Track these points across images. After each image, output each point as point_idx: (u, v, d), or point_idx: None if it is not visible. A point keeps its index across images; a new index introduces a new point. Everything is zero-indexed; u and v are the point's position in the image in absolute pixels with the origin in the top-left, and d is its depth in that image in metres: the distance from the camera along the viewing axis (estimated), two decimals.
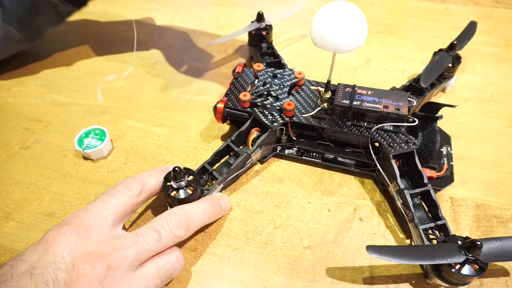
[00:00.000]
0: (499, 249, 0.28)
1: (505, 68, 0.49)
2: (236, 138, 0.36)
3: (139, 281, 0.26)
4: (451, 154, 0.37)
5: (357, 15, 0.29)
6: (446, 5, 0.61)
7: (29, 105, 0.45)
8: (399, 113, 0.34)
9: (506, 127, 0.42)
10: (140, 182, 0.30)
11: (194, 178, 0.32)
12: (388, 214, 0.35)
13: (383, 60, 0.51)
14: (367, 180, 0.37)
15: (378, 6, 0.61)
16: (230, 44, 0.54)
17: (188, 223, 0.29)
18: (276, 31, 0.54)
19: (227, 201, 0.34)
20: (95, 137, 0.39)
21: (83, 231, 0.26)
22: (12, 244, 0.33)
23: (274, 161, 0.39)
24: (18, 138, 0.41)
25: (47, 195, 0.36)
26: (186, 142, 0.41)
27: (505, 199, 0.36)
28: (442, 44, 0.48)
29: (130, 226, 0.34)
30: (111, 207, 0.28)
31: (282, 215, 0.35)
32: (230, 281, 0.30)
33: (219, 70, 0.50)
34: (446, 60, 0.43)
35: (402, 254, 0.27)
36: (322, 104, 0.37)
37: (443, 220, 0.31)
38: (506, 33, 0.55)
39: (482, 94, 0.46)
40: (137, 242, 0.26)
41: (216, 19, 0.59)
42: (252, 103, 0.37)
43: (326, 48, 0.30)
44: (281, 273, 0.31)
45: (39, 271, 0.24)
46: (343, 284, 0.30)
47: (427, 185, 0.32)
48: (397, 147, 0.34)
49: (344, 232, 0.33)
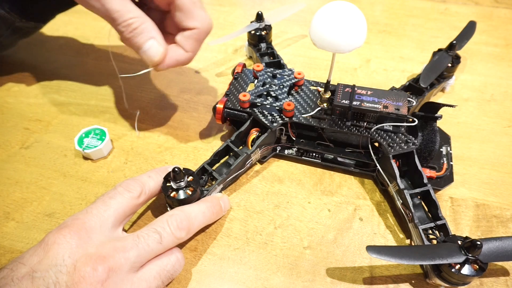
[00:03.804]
0: (499, 249, 0.28)
1: (505, 68, 0.49)
2: (235, 138, 0.36)
3: (140, 283, 0.26)
4: (451, 154, 0.37)
5: (357, 15, 0.29)
6: (446, 5, 0.61)
7: (29, 105, 0.45)
8: (398, 113, 0.34)
9: (506, 127, 0.42)
10: (140, 183, 0.30)
11: (194, 178, 0.32)
12: (388, 214, 0.35)
13: (383, 60, 0.51)
14: (367, 180, 0.37)
15: (378, 6, 0.61)
16: (230, 44, 0.54)
17: (189, 225, 0.29)
18: (275, 31, 0.54)
19: (227, 202, 0.34)
20: (95, 137, 0.39)
21: (84, 233, 0.26)
22: (12, 244, 0.33)
23: (274, 161, 0.39)
24: (18, 138, 0.41)
25: (47, 195, 0.36)
26: (186, 142, 0.41)
27: (505, 199, 0.36)
28: (442, 44, 0.48)
29: (130, 227, 0.34)
30: (111, 209, 0.28)
31: (282, 215, 0.35)
32: (230, 281, 0.31)
33: (219, 70, 0.50)
34: (445, 60, 0.43)
35: (402, 254, 0.27)
36: (321, 104, 0.37)
37: (443, 220, 0.31)
38: (506, 33, 0.55)
39: (482, 94, 0.46)
40: (138, 244, 0.26)
41: (216, 19, 0.59)
42: (251, 103, 0.37)
43: (326, 49, 0.30)
44: (281, 273, 0.31)
45: (40, 274, 0.24)
46: (343, 284, 0.30)
47: (427, 185, 0.32)
48: (397, 147, 0.34)
49: (344, 232, 0.33)
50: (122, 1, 0.30)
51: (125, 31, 0.31)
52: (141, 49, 0.32)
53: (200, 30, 0.33)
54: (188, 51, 0.33)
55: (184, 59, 0.33)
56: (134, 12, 0.31)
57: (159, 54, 0.32)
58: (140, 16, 0.31)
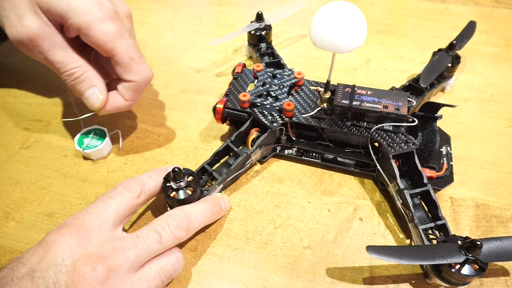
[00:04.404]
0: (499, 249, 0.28)
1: (505, 68, 0.49)
2: (235, 138, 0.36)
3: (140, 283, 0.26)
4: (451, 154, 0.37)
5: (357, 15, 0.29)
6: (446, 5, 0.61)
7: (29, 105, 0.45)
8: (398, 113, 0.34)
9: (506, 127, 0.42)
10: (140, 183, 0.30)
11: (194, 178, 0.32)
12: (388, 214, 0.35)
13: (383, 60, 0.51)
14: (367, 180, 0.37)
15: (378, 6, 0.61)
16: (230, 44, 0.54)
17: (189, 225, 0.29)
18: (275, 31, 0.54)
19: (227, 202, 0.34)
20: (95, 137, 0.39)
21: (83, 233, 0.26)
22: (12, 244, 0.33)
23: (274, 161, 0.39)
24: (18, 138, 0.41)
25: (47, 195, 0.36)
26: (186, 142, 0.41)
27: (505, 199, 0.36)
28: (442, 44, 0.48)
29: (130, 227, 0.34)
30: (111, 209, 0.28)
31: (282, 215, 0.35)
32: (230, 281, 0.31)
33: (219, 70, 0.50)
34: (445, 60, 0.43)
35: (402, 254, 0.27)
36: (321, 104, 0.37)
37: (443, 220, 0.31)
38: (506, 33, 0.55)
39: (482, 94, 0.46)
40: (138, 244, 0.26)
41: (216, 19, 0.59)
42: (251, 103, 0.37)
43: (326, 48, 0.30)
44: (281, 273, 0.31)
45: (39, 274, 0.24)
46: (343, 284, 0.30)
47: (427, 185, 0.32)
48: (397, 147, 0.34)
49: (344, 232, 0.33)
50: (64, 53, 0.32)
51: (67, 79, 0.34)
52: (83, 95, 0.34)
53: (138, 83, 0.35)
54: (128, 100, 0.35)
55: (123, 106, 0.36)
56: (76, 62, 0.33)
57: (99, 102, 0.34)
58: (82, 65, 0.33)
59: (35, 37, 0.31)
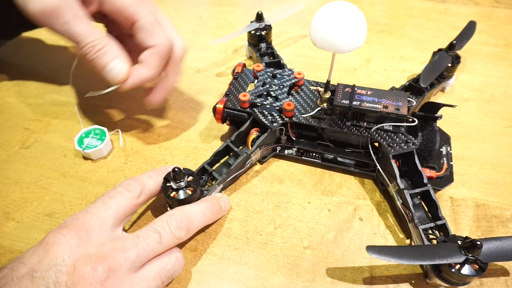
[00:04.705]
0: (499, 249, 0.28)
1: (505, 68, 0.49)
2: (235, 138, 0.36)
3: (140, 283, 0.26)
4: (451, 154, 0.37)
5: (357, 15, 0.29)
6: (446, 5, 0.61)
7: (29, 105, 0.45)
8: (398, 113, 0.34)
9: (506, 127, 0.42)
10: (140, 183, 0.30)
11: (194, 178, 0.32)
12: (388, 214, 0.35)
13: (383, 60, 0.51)
14: (367, 180, 0.37)
15: (378, 6, 0.61)
16: (230, 44, 0.54)
17: (189, 225, 0.29)
18: (275, 31, 0.54)
19: (227, 202, 0.34)
20: (95, 137, 0.39)
21: (84, 233, 0.26)
22: (12, 244, 0.33)
23: (274, 161, 0.39)
24: (18, 138, 0.41)
25: (47, 195, 0.36)
26: (186, 142, 0.41)
27: (505, 199, 0.36)
28: (442, 44, 0.48)
29: (130, 227, 0.34)
30: (111, 209, 0.28)
31: (282, 215, 0.35)
32: (230, 281, 0.31)
33: (219, 70, 0.50)
34: (445, 60, 0.43)
35: (402, 254, 0.27)
36: (321, 104, 0.37)
37: (443, 220, 0.31)
38: (506, 33, 0.55)
39: (482, 94, 0.46)
40: (138, 244, 0.26)
41: (216, 19, 0.59)
42: (251, 103, 0.37)
43: (326, 48, 0.30)
44: (281, 273, 0.31)
45: (40, 274, 0.24)
46: (343, 284, 0.30)
47: (427, 185, 0.32)
48: (397, 147, 0.34)
49: (344, 232, 0.33)
50: (85, 25, 0.32)
51: (90, 52, 0.32)
52: (105, 69, 0.33)
53: (161, 47, 0.34)
54: (151, 68, 0.34)
55: (148, 77, 0.34)
56: (97, 34, 0.32)
57: (122, 73, 0.33)
58: (103, 37, 0.32)
59: (58, 8, 0.30)
